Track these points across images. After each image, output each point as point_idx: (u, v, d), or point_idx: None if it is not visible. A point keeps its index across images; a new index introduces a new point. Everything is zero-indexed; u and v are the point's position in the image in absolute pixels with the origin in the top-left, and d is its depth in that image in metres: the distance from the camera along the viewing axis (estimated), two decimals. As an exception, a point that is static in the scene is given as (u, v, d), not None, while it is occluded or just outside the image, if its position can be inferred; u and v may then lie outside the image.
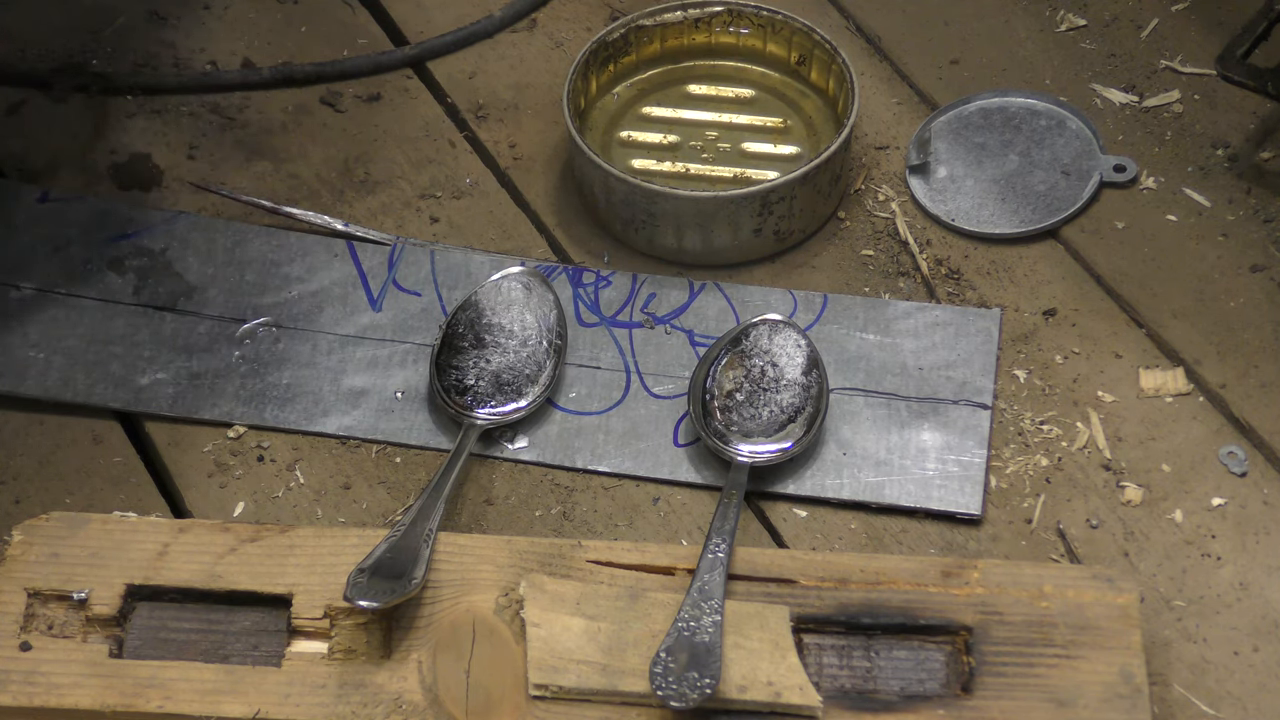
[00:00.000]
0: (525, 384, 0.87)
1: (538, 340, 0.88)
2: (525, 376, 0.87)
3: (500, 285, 0.89)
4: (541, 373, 0.87)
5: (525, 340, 0.88)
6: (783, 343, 0.86)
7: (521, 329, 0.88)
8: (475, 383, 0.86)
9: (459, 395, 0.86)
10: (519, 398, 0.87)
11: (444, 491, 0.81)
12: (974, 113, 1.00)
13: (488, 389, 0.86)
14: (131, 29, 1.06)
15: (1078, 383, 0.89)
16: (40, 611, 0.78)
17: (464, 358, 0.87)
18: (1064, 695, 0.74)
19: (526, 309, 0.88)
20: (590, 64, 0.98)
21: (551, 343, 0.88)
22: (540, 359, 0.87)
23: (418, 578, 0.76)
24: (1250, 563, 0.82)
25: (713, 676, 0.73)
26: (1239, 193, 0.96)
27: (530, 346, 0.88)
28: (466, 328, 0.88)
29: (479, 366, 0.87)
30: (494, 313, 0.88)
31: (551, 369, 0.87)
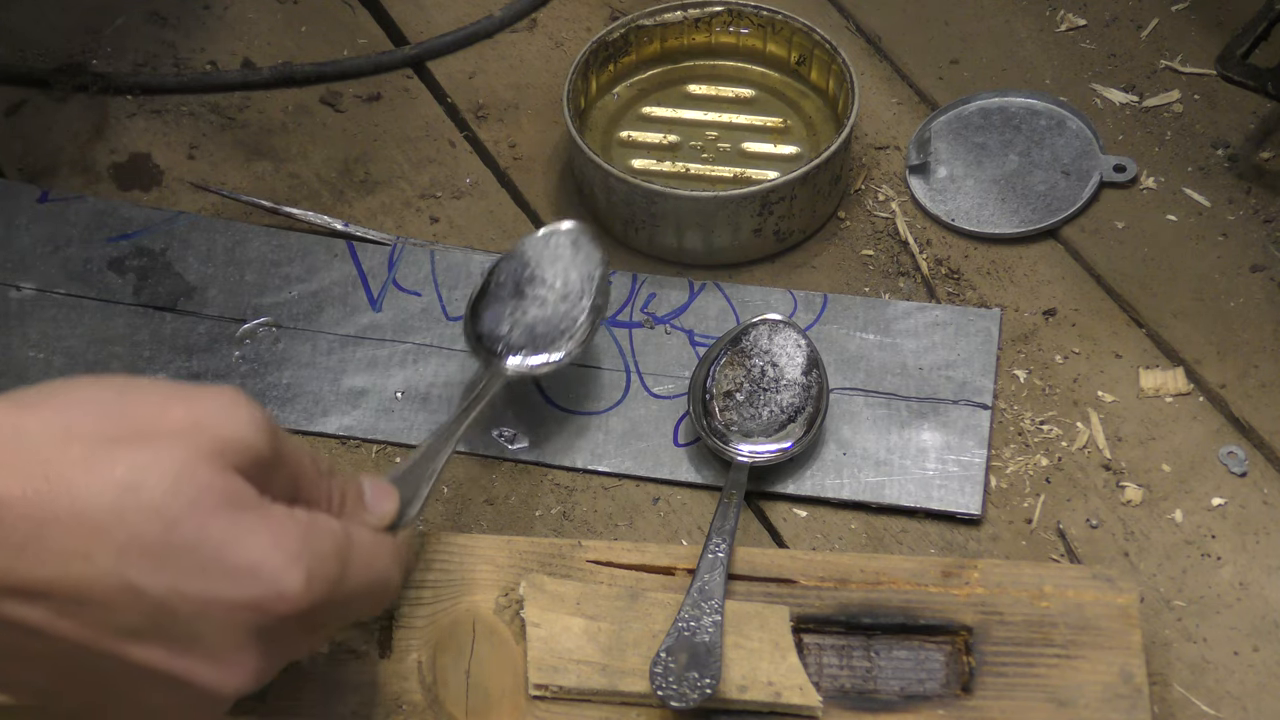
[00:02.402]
0: (559, 338, 0.86)
1: (578, 296, 0.86)
2: (560, 331, 0.86)
3: (548, 239, 0.88)
4: (577, 329, 0.86)
5: (565, 295, 0.86)
6: (783, 343, 0.86)
7: (563, 284, 0.87)
8: (508, 332, 0.85)
9: (490, 342, 0.85)
10: (550, 351, 0.85)
11: (456, 433, 0.79)
12: (974, 113, 1.00)
13: (520, 339, 0.85)
14: (131, 29, 1.06)
15: (1078, 383, 0.89)
16: (40, 611, 0.78)
17: (501, 306, 0.86)
18: (1064, 695, 0.74)
19: (571, 265, 0.87)
20: (590, 64, 0.98)
21: (592, 301, 0.86)
22: (577, 316, 0.86)
23: (413, 513, 0.75)
24: (1250, 563, 0.82)
25: (713, 676, 0.73)
26: (1239, 193, 0.96)
27: (569, 302, 0.86)
28: (508, 276, 0.87)
29: (514, 316, 0.86)
30: (537, 265, 0.87)
31: (588, 327, 0.86)
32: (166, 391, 0.65)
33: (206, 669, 0.64)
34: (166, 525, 0.61)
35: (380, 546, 0.69)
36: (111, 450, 0.62)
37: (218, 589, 0.63)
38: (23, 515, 0.60)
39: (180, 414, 0.64)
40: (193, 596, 0.62)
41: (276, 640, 0.65)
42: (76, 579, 0.61)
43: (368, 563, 0.68)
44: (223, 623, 0.63)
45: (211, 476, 0.63)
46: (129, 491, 0.61)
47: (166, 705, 0.65)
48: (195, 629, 0.63)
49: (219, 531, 0.62)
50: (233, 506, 0.63)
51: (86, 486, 0.61)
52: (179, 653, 0.63)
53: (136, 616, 0.62)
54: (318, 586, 0.65)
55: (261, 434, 0.65)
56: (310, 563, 0.64)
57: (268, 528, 0.64)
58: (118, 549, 0.61)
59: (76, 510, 0.60)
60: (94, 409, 0.63)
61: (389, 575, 0.70)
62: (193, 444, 0.63)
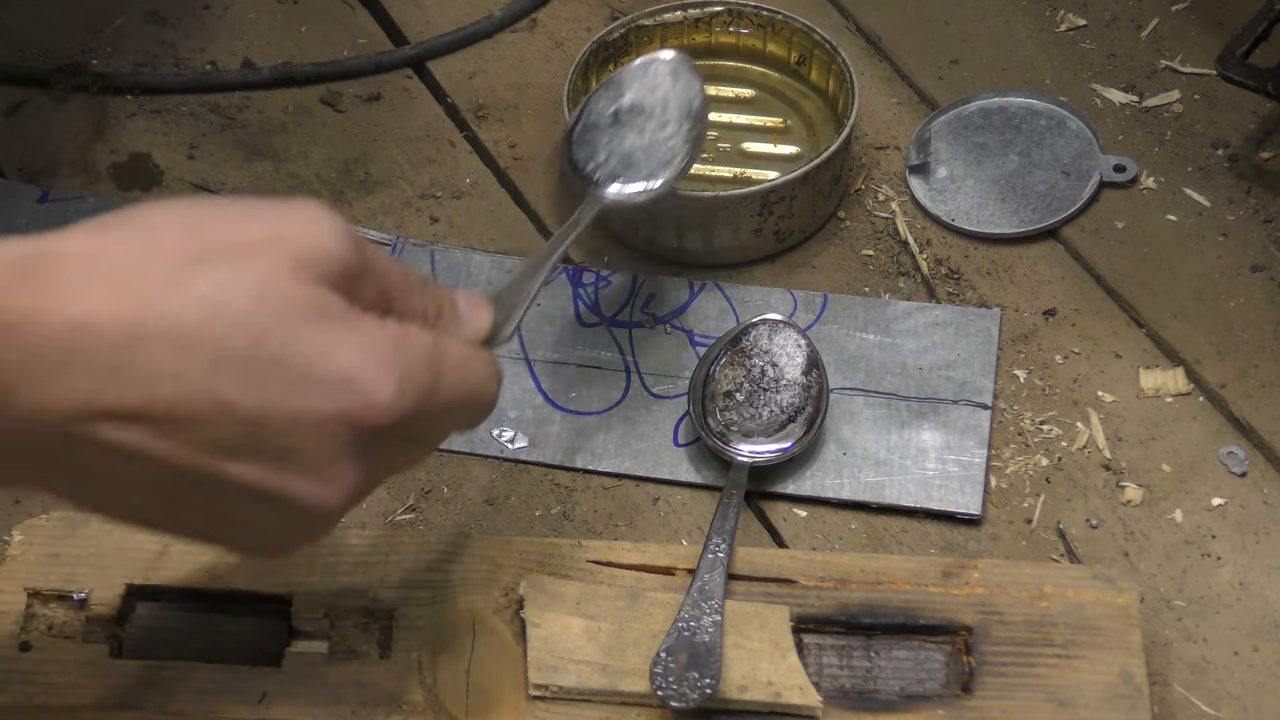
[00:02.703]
0: (657, 167, 0.85)
1: (676, 126, 0.86)
2: (658, 160, 0.85)
3: (646, 68, 0.88)
4: (675, 158, 0.85)
5: (663, 124, 0.86)
6: (783, 343, 0.86)
7: (662, 113, 0.86)
8: (605, 159, 0.85)
9: (587, 170, 0.85)
10: (649, 180, 0.85)
11: (552, 257, 0.78)
12: (974, 113, 1.00)
13: (617, 167, 0.85)
14: (131, 29, 1.06)
15: (1078, 383, 0.89)
16: (40, 611, 0.78)
17: (598, 135, 0.86)
18: (1064, 695, 0.74)
19: (670, 94, 0.87)
20: (590, 64, 0.98)
21: (691, 129, 0.86)
22: (676, 144, 0.86)
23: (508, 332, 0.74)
24: (1250, 563, 0.82)
25: (713, 676, 0.73)
26: (1239, 193, 0.96)
27: (667, 131, 0.86)
28: (606, 104, 0.87)
29: (611, 145, 0.85)
30: (636, 95, 0.87)
31: (686, 155, 0.86)
32: (247, 208, 0.64)
33: (303, 484, 0.63)
34: (253, 339, 0.61)
35: (475, 359, 0.68)
36: (195, 267, 0.61)
37: (308, 402, 0.62)
38: (112, 338, 0.60)
39: (262, 229, 0.63)
40: (284, 410, 0.62)
41: (372, 452, 0.64)
42: (169, 398, 0.60)
43: (462, 374, 0.67)
44: (316, 436, 0.62)
45: (296, 288, 0.62)
46: (214, 307, 0.60)
47: (269, 524, 0.64)
48: (289, 444, 0.62)
49: (307, 343, 0.62)
50: (320, 317, 0.62)
51: (172, 304, 0.60)
52: (275, 469, 0.62)
53: (230, 433, 0.61)
54: (410, 396, 0.63)
55: (346, 245, 0.64)
56: (402, 372, 0.63)
57: (357, 338, 0.63)
58: (207, 365, 0.60)
59: (164, 329, 0.60)
60: (175, 229, 0.62)
61: (484, 387, 0.68)
62: (276, 257, 0.62)
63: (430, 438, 0.69)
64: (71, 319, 0.59)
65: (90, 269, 0.60)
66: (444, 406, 0.66)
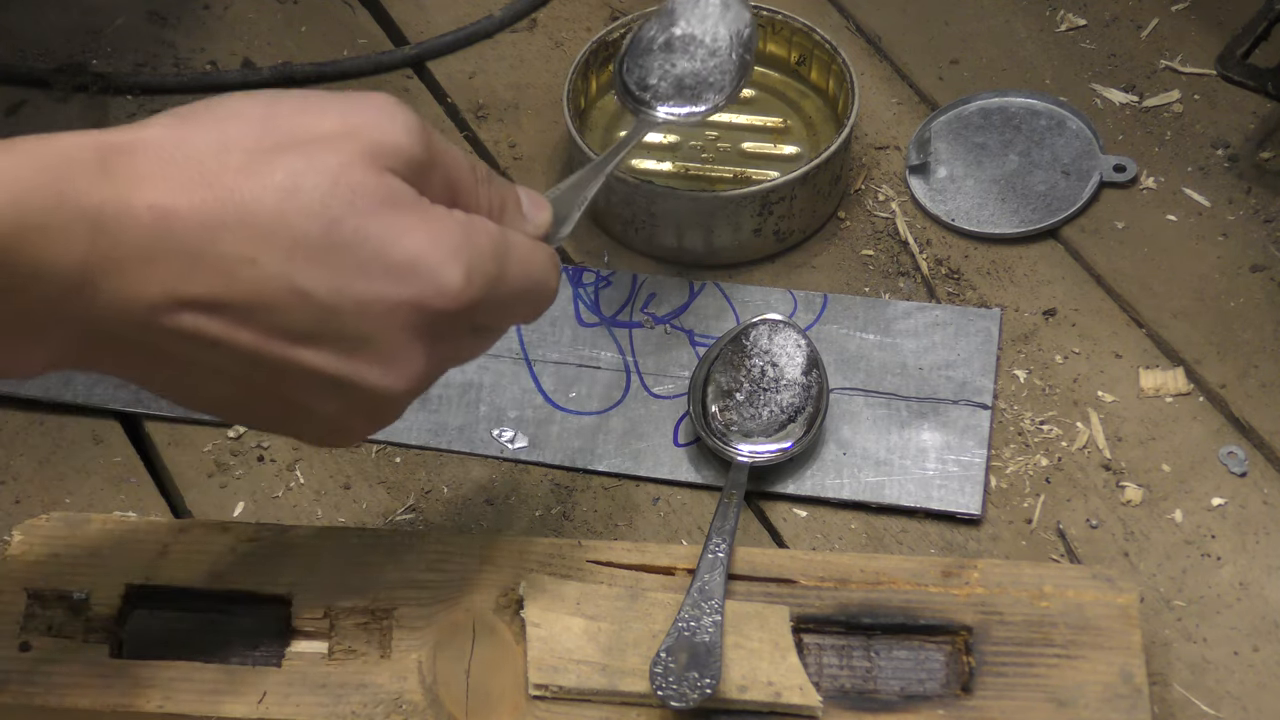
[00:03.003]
0: (706, 90, 0.87)
1: (727, 52, 0.87)
2: (708, 84, 0.87)
3: None
4: (725, 82, 0.87)
5: (715, 51, 0.87)
6: (783, 343, 0.86)
7: (712, 40, 0.87)
8: (657, 82, 0.86)
9: (639, 91, 0.86)
10: (698, 103, 0.86)
11: (606, 168, 0.80)
12: (974, 113, 1.00)
13: (668, 90, 0.86)
14: (131, 29, 1.06)
15: (1078, 383, 0.89)
16: (40, 611, 0.78)
17: (650, 59, 0.87)
18: (1064, 695, 0.74)
19: (721, 23, 0.88)
20: (590, 64, 0.98)
21: (741, 56, 0.87)
22: (727, 69, 0.87)
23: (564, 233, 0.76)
24: (1250, 563, 0.82)
25: (713, 676, 0.73)
26: (1239, 193, 0.96)
27: (719, 57, 0.87)
28: (658, 31, 0.88)
29: (663, 69, 0.87)
30: (688, 22, 0.88)
31: (735, 80, 0.87)
32: (320, 100, 0.66)
33: (373, 370, 0.65)
34: (326, 226, 0.63)
35: (537, 251, 0.70)
36: (270, 157, 0.63)
37: (379, 287, 0.64)
38: (192, 226, 0.61)
39: (334, 121, 0.65)
40: (356, 296, 0.64)
41: (439, 339, 0.66)
42: (247, 285, 0.62)
43: (525, 265, 0.69)
44: (386, 321, 0.64)
45: (367, 177, 0.64)
46: (289, 195, 0.62)
47: (340, 410, 0.66)
48: (361, 330, 0.64)
49: (378, 230, 0.64)
50: (390, 206, 0.64)
51: (248, 193, 0.62)
52: (346, 355, 0.64)
53: (305, 320, 0.63)
54: (477, 282, 0.66)
55: (416, 137, 0.66)
56: (469, 259, 0.65)
57: (426, 226, 0.65)
58: (282, 252, 0.62)
59: (241, 217, 0.62)
60: (251, 120, 0.64)
61: (546, 279, 0.70)
62: (348, 148, 0.64)
63: (493, 328, 0.71)
64: (155, 208, 0.61)
65: (170, 159, 0.62)
66: (508, 296, 0.68)
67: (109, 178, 0.61)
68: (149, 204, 0.61)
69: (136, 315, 0.62)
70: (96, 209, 0.60)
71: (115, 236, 0.61)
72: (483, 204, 0.70)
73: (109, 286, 0.61)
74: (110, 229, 0.61)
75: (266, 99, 0.66)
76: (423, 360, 0.66)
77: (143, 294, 0.62)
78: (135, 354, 0.64)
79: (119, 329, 0.62)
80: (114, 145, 0.62)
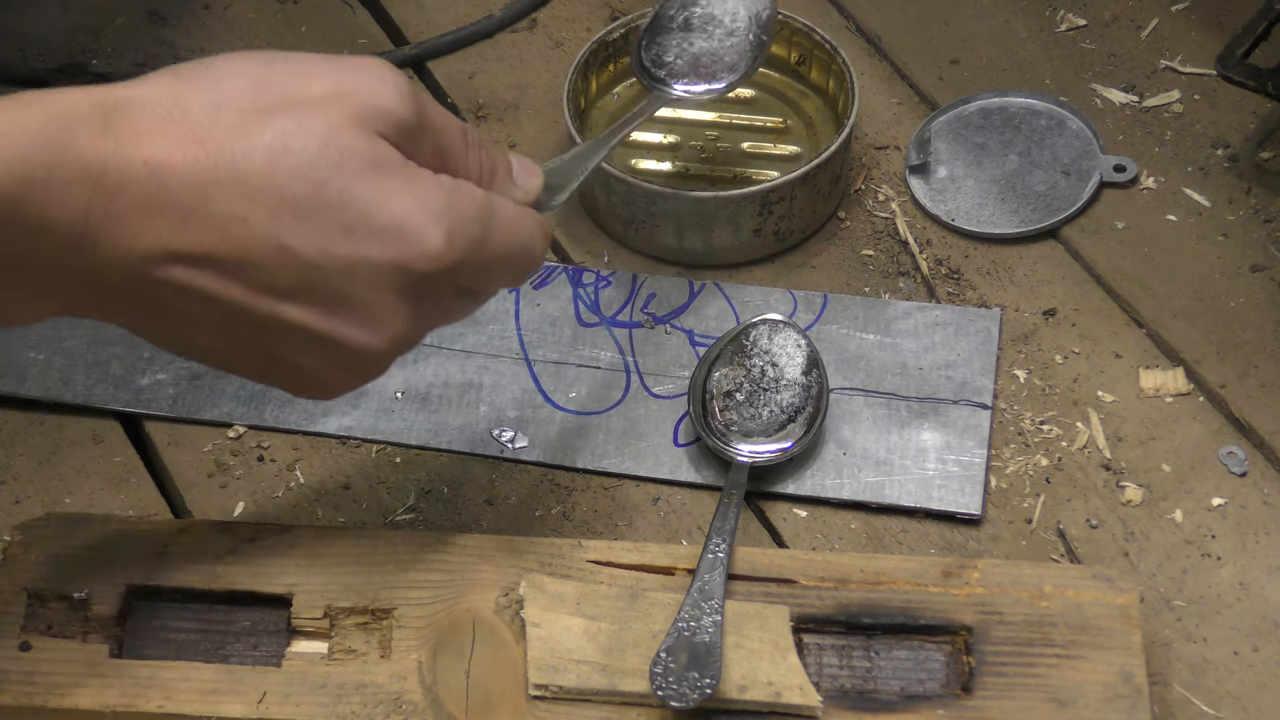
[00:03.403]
0: (721, 70, 0.88)
1: (745, 32, 0.88)
2: (724, 64, 0.88)
3: None
4: (741, 62, 0.88)
5: (733, 30, 0.88)
6: (783, 343, 0.86)
7: (731, 21, 0.89)
8: (674, 60, 0.87)
9: (655, 68, 0.88)
10: (712, 81, 0.88)
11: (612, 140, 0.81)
12: (974, 113, 1.00)
13: (684, 68, 0.87)
14: (131, 29, 1.06)
15: (1078, 383, 0.89)
16: (40, 611, 0.78)
17: (668, 37, 0.88)
18: (1064, 695, 0.74)
19: (742, 3, 0.89)
20: (590, 64, 0.98)
21: (758, 36, 0.88)
22: (743, 49, 0.88)
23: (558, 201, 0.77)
24: (1250, 563, 0.82)
25: (713, 676, 0.73)
26: (1239, 193, 0.96)
27: (736, 37, 0.88)
28: (678, 10, 0.89)
29: (680, 47, 0.88)
30: (708, 3, 0.89)
31: (751, 60, 0.88)
32: (314, 63, 0.68)
33: (355, 329, 0.67)
34: (314, 186, 0.65)
35: (523, 217, 0.72)
36: (262, 117, 0.65)
37: (363, 248, 0.66)
38: (184, 181, 0.63)
39: (326, 83, 0.66)
40: (340, 256, 0.65)
41: (421, 300, 0.68)
42: (236, 242, 0.64)
43: (510, 230, 0.70)
44: (369, 281, 0.66)
45: (356, 140, 0.65)
46: (278, 155, 0.64)
47: (323, 364, 0.68)
48: (344, 288, 0.66)
49: (364, 192, 0.65)
50: (377, 169, 0.66)
51: (239, 151, 0.64)
52: (329, 312, 0.66)
53: (291, 277, 0.65)
54: (458, 245, 0.67)
55: (406, 101, 0.67)
56: (452, 223, 0.67)
57: (411, 189, 0.66)
58: (270, 210, 0.64)
59: (232, 174, 0.64)
60: (246, 80, 0.66)
61: (530, 244, 0.72)
62: (338, 110, 0.66)
63: (478, 291, 0.72)
64: (151, 164, 0.63)
65: (167, 115, 0.64)
66: (492, 260, 0.70)
67: (109, 133, 0.63)
68: (145, 159, 0.63)
69: (131, 267, 0.64)
70: (98, 165, 0.62)
71: (113, 191, 0.63)
72: (472, 169, 0.71)
73: (106, 239, 0.63)
74: (109, 184, 0.63)
75: (264, 59, 0.67)
76: (404, 320, 0.68)
77: (137, 247, 0.64)
78: (130, 303, 0.66)
79: (115, 280, 0.64)
80: (114, 101, 0.64)
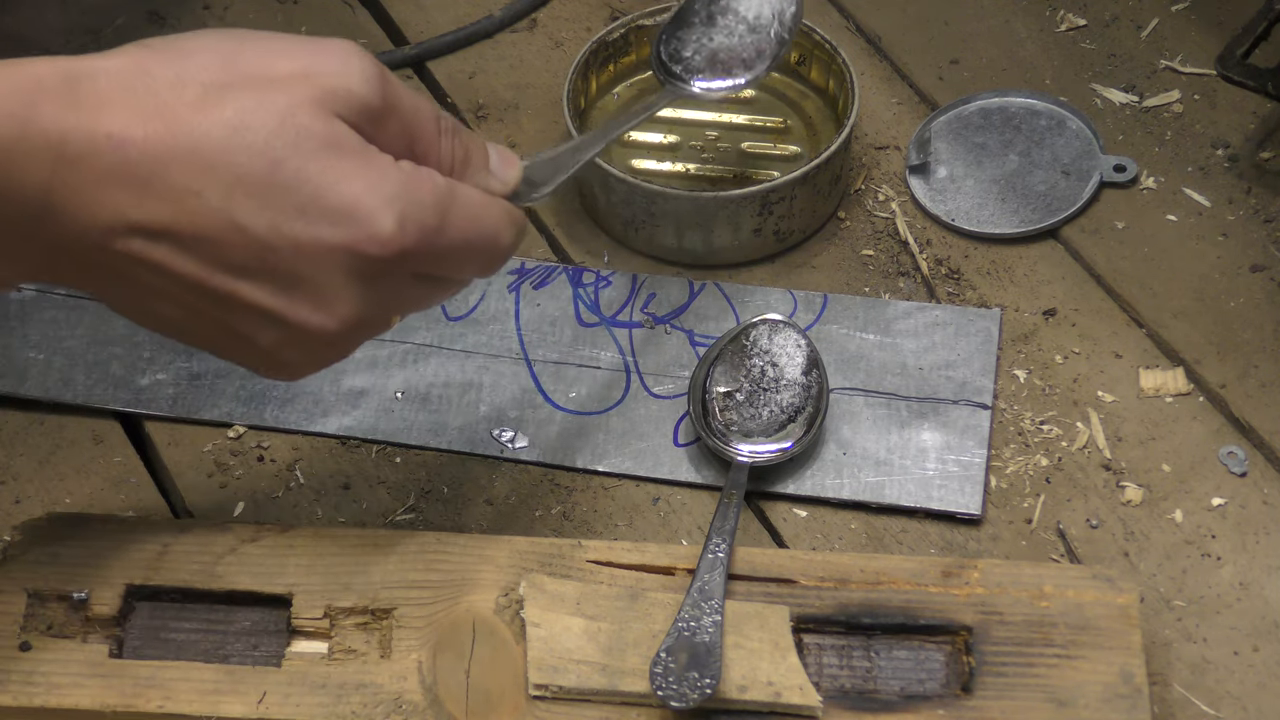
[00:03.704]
0: (738, 66, 0.87)
1: (766, 29, 0.88)
2: (741, 60, 0.87)
3: None
4: (760, 59, 0.87)
5: (755, 27, 0.88)
6: (783, 343, 0.86)
7: (755, 17, 0.88)
8: (692, 55, 0.87)
9: (672, 62, 0.87)
10: (730, 77, 0.87)
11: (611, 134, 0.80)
12: (974, 113, 1.00)
13: (701, 63, 0.87)
14: (131, 29, 1.06)
15: (1078, 383, 0.89)
16: (40, 611, 0.78)
17: (690, 32, 0.88)
18: (1064, 695, 0.74)
19: (767, 2, 0.89)
20: (590, 64, 0.98)
21: (779, 34, 0.88)
22: (762, 46, 0.87)
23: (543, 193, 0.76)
24: (1250, 563, 0.82)
25: (713, 676, 0.73)
26: (1239, 193, 0.96)
27: (758, 34, 0.88)
28: (702, 5, 0.88)
29: (699, 42, 0.87)
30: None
31: (772, 57, 0.87)
32: (284, 42, 0.68)
33: (306, 309, 0.67)
34: (269, 165, 0.65)
35: (489, 206, 0.71)
36: (223, 94, 0.65)
37: (314, 230, 0.66)
38: (143, 154, 0.64)
39: (291, 63, 0.67)
40: (292, 236, 0.66)
41: (375, 284, 0.68)
42: (190, 216, 0.65)
43: (472, 219, 0.70)
44: (320, 263, 0.66)
45: (314, 121, 0.66)
46: (236, 132, 0.65)
47: (279, 344, 0.69)
48: (296, 269, 0.66)
49: (317, 173, 0.66)
50: (333, 151, 0.66)
51: (198, 126, 0.64)
52: (281, 292, 0.67)
53: (244, 255, 0.66)
54: (410, 231, 0.67)
55: (370, 85, 0.67)
56: (405, 208, 0.67)
57: (365, 172, 0.67)
58: (225, 187, 0.65)
59: (189, 149, 0.64)
60: (212, 56, 0.66)
61: (496, 235, 0.71)
62: (300, 90, 0.66)
63: (444, 278, 0.72)
64: (113, 136, 0.64)
65: (131, 88, 0.65)
66: (451, 248, 0.69)
67: (73, 105, 0.63)
68: (107, 132, 0.64)
69: (92, 238, 0.65)
70: (60, 136, 0.63)
71: (74, 163, 0.63)
72: (444, 156, 0.71)
73: (68, 210, 0.64)
74: (70, 156, 0.63)
75: (236, 37, 0.68)
76: (356, 303, 0.68)
77: (98, 218, 0.64)
78: (93, 273, 0.67)
79: (77, 249, 0.65)
80: (80, 71, 0.64)
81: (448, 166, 0.71)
